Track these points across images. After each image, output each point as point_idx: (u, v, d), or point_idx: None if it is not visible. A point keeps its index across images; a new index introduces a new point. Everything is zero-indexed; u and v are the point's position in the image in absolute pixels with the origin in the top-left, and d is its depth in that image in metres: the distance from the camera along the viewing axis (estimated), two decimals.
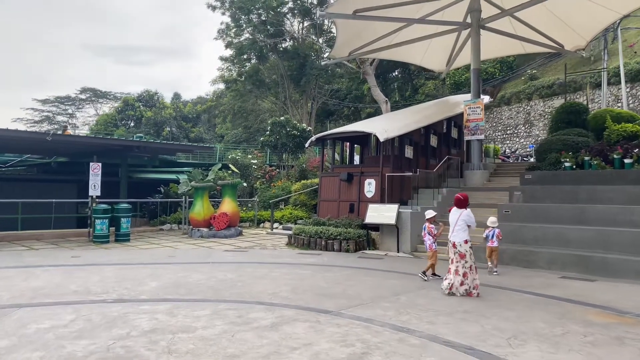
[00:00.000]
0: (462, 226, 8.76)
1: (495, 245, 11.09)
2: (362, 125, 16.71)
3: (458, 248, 8.68)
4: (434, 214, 10.48)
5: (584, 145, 16.01)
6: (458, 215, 8.86)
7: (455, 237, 8.76)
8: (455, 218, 8.87)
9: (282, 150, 25.62)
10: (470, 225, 8.84)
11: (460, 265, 8.59)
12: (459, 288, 8.50)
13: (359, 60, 27.22)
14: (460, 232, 8.74)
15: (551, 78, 33.14)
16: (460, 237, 8.71)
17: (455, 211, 9.02)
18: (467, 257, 8.62)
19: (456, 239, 8.73)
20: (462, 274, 8.55)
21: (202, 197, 18.13)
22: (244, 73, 39.50)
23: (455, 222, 8.83)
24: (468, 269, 8.55)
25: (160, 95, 64.33)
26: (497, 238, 11.07)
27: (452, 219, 8.96)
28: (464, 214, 8.82)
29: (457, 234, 8.75)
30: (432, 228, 10.32)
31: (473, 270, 8.58)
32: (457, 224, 8.79)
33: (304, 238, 14.82)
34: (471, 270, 8.56)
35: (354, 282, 9.45)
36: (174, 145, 22.71)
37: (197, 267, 11.01)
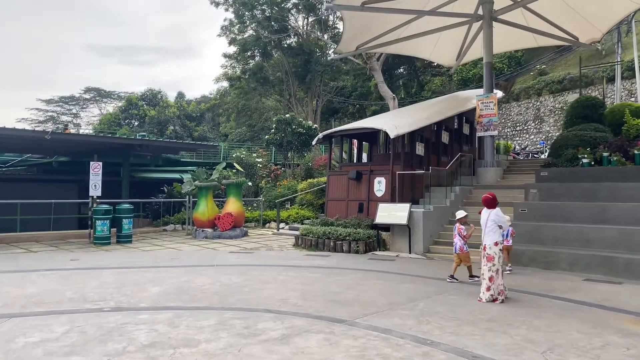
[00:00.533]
0: (492, 227, 8.27)
1: (510, 244, 10.76)
2: (372, 122, 16.15)
3: (487, 250, 8.20)
4: (465, 214, 10.04)
5: (602, 141, 15.41)
6: (487, 216, 8.34)
7: (486, 239, 8.28)
8: (485, 219, 8.37)
9: (288, 149, 25.06)
10: (502, 225, 8.35)
11: (486, 268, 8.09)
12: (485, 294, 7.99)
13: (365, 56, 26.63)
14: (491, 234, 8.24)
15: (561, 73, 32.45)
16: (490, 239, 8.22)
17: (484, 212, 8.54)
18: (495, 260, 8.10)
19: (486, 241, 8.25)
20: (489, 277, 8.03)
21: (206, 196, 17.62)
22: (248, 70, 38.93)
23: (485, 223, 8.31)
24: (495, 273, 8.03)
25: (163, 94, 63.89)
26: (511, 236, 10.82)
27: (482, 221, 8.47)
28: (493, 214, 8.34)
29: (488, 236, 8.27)
30: (462, 229, 9.86)
31: (499, 275, 8.06)
32: (487, 225, 8.29)
33: (312, 239, 14.29)
34: (497, 275, 8.04)
35: (367, 287, 8.91)
36: (177, 144, 22.21)
37: (201, 271, 10.49)
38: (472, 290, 8.81)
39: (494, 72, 38.22)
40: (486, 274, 8.03)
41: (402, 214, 13.47)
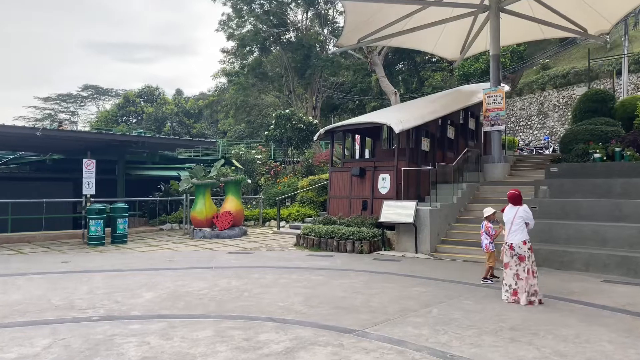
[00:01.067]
0: (519, 225, 7.81)
1: None
2: (375, 116, 15.59)
3: (517, 250, 7.75)
4: (493, 211, 9.53)
5: (613, 135, 14.89)
6: (514, 213, 7.89)
7: (513, 237, 7.81)
8: (511, 216, 7.90)
9: (288, 145, 24.46)
10: (529, 223, 7.90)
11: (520, 269, 7.65)
12: (522, 296, 7.54)
13: (366, 50, 26.05)
14: (518, 232, 7.79)
15: (566, 67, 31.88)
16: (518, 238, 7.76)
17: (510, 209, 8.05)
18: (526, 259, 7.67)
19: (514, 240, 7.79)
20: (525, 277, 7.60)
21: (204, 194, 17.06)
22: (247, 66, 38.26)
23: (512, 220, 7.86)
24: (527, 273, 7.61)
25: (161, 91, 63.18)
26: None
27: (506, 219, 8.01)
28: (521, 211, 7.86)
29: (515, 235, 7.81)
30: (489, 227, 9.44)
31: (531, 275, 7.63)
32: (513, 223, 7.83)
33: (314, 238, 13.74)
34: (528, 275, 7.61)
35: (375, 291, 8.36)
36: (174, 140, 21.62)
37: (199, 274, 9.94)
38: (487, 293, 8.28)
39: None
40: (522, 275, 7.63)
41: (408, 212, 12.92)
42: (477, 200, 15.02)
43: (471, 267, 11.02)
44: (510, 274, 7.76)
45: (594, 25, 18.01)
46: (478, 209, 14.56)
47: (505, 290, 7.79)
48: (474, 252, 12.45)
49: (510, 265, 7.79)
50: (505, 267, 7.88)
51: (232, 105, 44.00)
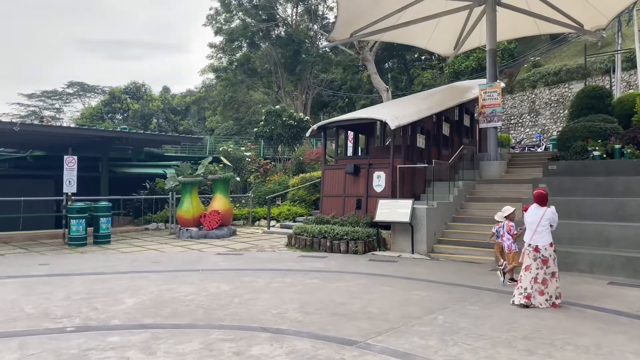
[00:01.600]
0: (546, 226, 7.46)
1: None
2: (370, 112, 15.08)
3: (542, 252, 7.39)
4: (513, 209, 9.25)
5: (613, 132, 14.55)
6: (541, 214, 7.50)
7: (539, 239, 7.43)
8: (537, 217, 7.50)
9: (278, 142, 23.86)
10: (554, 225, 7.55)
11: (541, 272, 7.30)
12: (538, 298, 7.21)
13: (357, 46, 25.55)
14: (545, 234, 7.43)
15: (557, 65, 31.66)
16: (544, 240, 7.41)
17: (535, 209, 7.65)
18: (550, 262, 7.36)
19: (540, 242, 7.41)
20: (542, 281, 7.27)
21: (190, 193, 16.44)
22: (235, 61, 37.50)
23: (538, 222, 7.47)
24: (549, 276, 7.31)
25: (147, 87, 62.06)
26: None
27: (531, 219, 7.60)
28: (549, 213, 7.51)
29: (541, 237, 7.44)
30: (512, 227, 9.07)
31: (555, 277, 7.34)
32: (540, 224, 7.45)
33: (306, 238, 13.21)
34: (553, 277, 7.32)
35: (374, 295, 7.86)
36: (159, 137, 20.94)
37: (185, 277, 9.36)
38: (492, 298, 7.82)
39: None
40: (540, 278, 7.28)
41: (404, 210, 12.44)
42: (473, 198, 14.60)
43: (470, 268, 10.58)
44: (528, 277, 7.37)
45: (591, 21, 17.68)
46: (475, 207, 14.17)
47: (519, 293, 7.38)
48: (472, 253, 12.04)
49: (530, 268, 7.39)
50: (525, 269, 7.47)
51: (219, 102, 43.22)
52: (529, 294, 7.25)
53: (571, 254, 10.51)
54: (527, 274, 7.41)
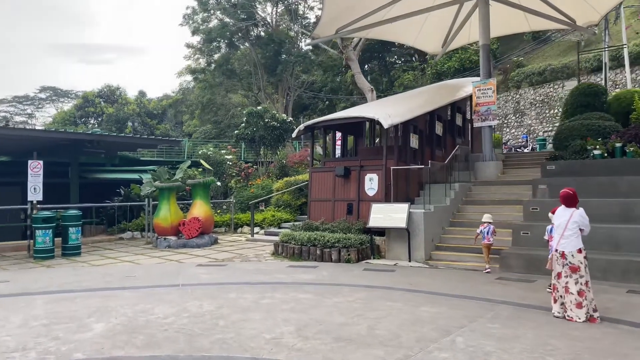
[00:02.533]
0: (574, 230, 6.71)
1: (491, 242, 10.46)
2: (360, 111, 14.21)
3: (569, 259, 6.66)
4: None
5: (612, 130, 13.97)
6: (569, 217, 6.75)
7: (566, 244, 6.71)
8: (565, 220, 6.78)
9: (260, 144, 22.83)
10: (584, 229, 6.80)
11: (572, 280, 6.56)
12: (575, 310, 6.49)
13: (341, 45, 24.73)
14: (573, 239, 6.69)
15: (541, 64, 31.36)
16: (572, 245, 6.67)
17: (563, 211, 6.91)
18: (582, 270, 6.60)
19: (567, 248, 6.69)
20: (578, 291, 6.52)
21: (168, 199, 15.34)
22: (213, 62, 36.31)
23: (565, 225, 6.74)
24: (584, 286, 6.54)
25: (122, 91, 60.35)
26: (493, 234, 10.46)
27: (558, 222, 6.90)
28: (577, 215, 6.73)
29: (568, 242, 6.71)
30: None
31: (590, 288, 6.59)
32: (567, 228, 6.71)
33: (294, 246, 12.27)
34: (587, 287, 6.55)
35: (379, 313, 6.96)
36: (134, 139, 19.72)
37: (163, 294, 8.33)
38: (510, 312, 7.00)
39: (470, 65, 37.03)
40: (573, 288, 6.53)
41: (401, 215, 11.60)
42: (470, 201, 13.86)
43: (475, 277, 9.78)
44: (561, 285, 6.63)
45: (583, 16, 17.20)
46: (472, 211, 13.41)
47: (561, 303, 6.76)
48: (473, 260, 11.26)
49: (561, 276, 6.64)
50: (558, 276, 6.73)
51: (197, 105, 41.91)
52: (579, 302, 6.55)
53: None
54: (560, 281, 6.70)
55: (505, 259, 10.52)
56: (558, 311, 6.71)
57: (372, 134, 15.93)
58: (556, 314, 6.72)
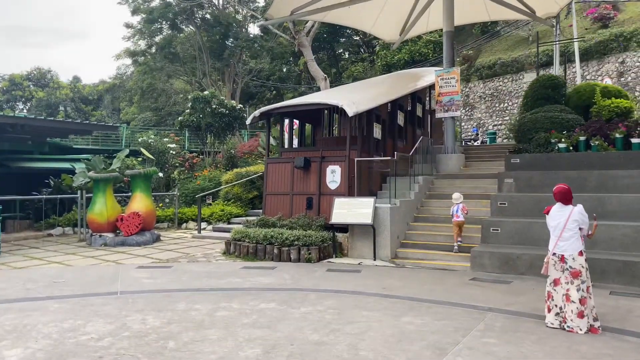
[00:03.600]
0: (574, 230, 5.98)
1: (461, 220, 10.61)
2: (322, 97, 13.17)
3: (569, 263, 5.95)
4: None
5: (576, 124, 13.68)
6: (567, 215, 6.02)
7: (566, 247, 5.99)
8: (563, 219, 6.04)
9: (207, 132, 21.28)
10: (583, 227, 6.06)
11: (573, 287, 5.85)
12: (576, 320, 5.77)
13: (293, 30, 23.54)
14: (573, 240, 5.97)
15: (491, 58, 31.44)
16: (573, 248, 5.96)
17: (559, 209, 6.16)
18: (583, 274, 5.89)
19: (566, 250, 5.97)
20: (580, 299, 5.79)
21: (104, 191, 13.76)
22: (155, 45, 34.01)
23: (564, 225, 5.99)
24: (586, 292, 5.84)
25: (54, 74, 56.25)
26: (462, 211, 10.63)
27: (555, 222, 6.14)
28: (576, 213, 6.00)
29: (568, 243, 5.98)
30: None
31: (591, 293, 5.92)
32: (566, 228, 5.98)
33: (249, 245, 11.14)
34: (589, 293, 5.88)
35: (357, 327, 6.01)
36: (65, 124, 17.74)
37: (98, 305, 7.02)
38: (503, 323, 6.23)
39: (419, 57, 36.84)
40: (574, 295, 5.81)
41: (366, 210, 10.72)
42: (434, 195, 13.20)
43: (449, 278, 9.04)
44: (560, 292, 5.92)
45: (542, 7, 16.95)
46: (437, 205, 12.75)
47: (556, 313, 5.98)
48: (442, 258, 10.57)
49: (560, 282, 5.91)
50: (555, 283, 5.98)
51: (136, 90, 39.33)
52: (564, 315, 5.82)
53: None
54: (558, 289, 5.98)
55: (477, 258, 9.87)
56: (552, 322, 6.02)
57: (331, 122, 14.97)
58: (549, 324, 6.02)
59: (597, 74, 24.89)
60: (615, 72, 24.29)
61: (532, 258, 9.44)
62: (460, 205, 10.65)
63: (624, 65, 24.09)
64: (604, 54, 24.92)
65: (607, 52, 24.79)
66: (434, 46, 36.77)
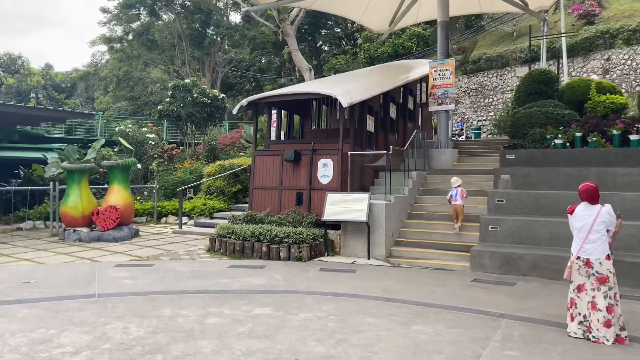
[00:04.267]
0: (601, 232, 5.50)
1: (459, 204, 10.49)
2: (313, 86, 12.51)
3: (596, 268, 5.47)
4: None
5: (571, 119, 13.35)
6: (594, 216, 5.54)
7: (592, 250, 5.51)
8: (589, 220, 5.56)
9: (187, 122, 20.39)
10: (611, 229, 5.59)
11: (600, 294, 5.38)
12: (603, 330, 5.30)
13: (277, 19, 22.78)
14: (599, 243, 5.49)
15: (476, 53, 31.19)
16: (599, 251, 5.47)
17: (585, 209, 5.71)
18: (611, 280, 5.42)
19: (593, 254, 5.49)
20: (607, 307, 5.33)
21: (79, 183, 12.90)
22: (132, 31, 32.73)
23: (590, 226, 5.51)
24: (613, 299, 5.37)
25: (25, 60, 54.14)
26: (461, 196, 10.53)
27: (580, 223, 5.66)
28: (605, 213, 5.53)
29: (594, 247, 5.52)
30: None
31: (618, 300, 5.44)
32: (592, 230, 5.49)
33: (235, 242, 10.49)
34: (616, 300, 5.40)
35: (364, 336, 5.47)
36: (37, 111, 16.70)
37: (73, 310, 6.33)
38: (521, 332, 5.77)
39: (403, 51, 36.42)
40: (600, 303, 5.34)
41: (360, 207, 10.17)
42: (427, 191, 12.72)
43: (450, 279, 8.58)
44: (585, 300, 5.45)
45: (536, 0, 16.56)
46: (431, 202, 12.29)
47: (579, 322, 5.50)
48: (438, 257, 10.11)
49: (585, 288, 5.44)
50: (579, 290, 5.51)
51: (112, 79, 37.91)
52: (589, 324, 5.37)
53: (563, 258, 8.82)
54: (583, 296, 5.51)
55: (477, 258, 9.43)
56: (575, 331, 5.57)
57: (319, 114, 14.36)
58: (572, 334, 5.57)
59: (582, 71, 24.81)
60: (601, 69, 24.22)
61: (535, 258, 9.07)
62: (459, 189, 10.53)
63: (610, 62, 24.04)
64: (589, 51, 24.84)
65: (593, 48, 24.70)
66: (418, 40, 36.45)
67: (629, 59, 23.42)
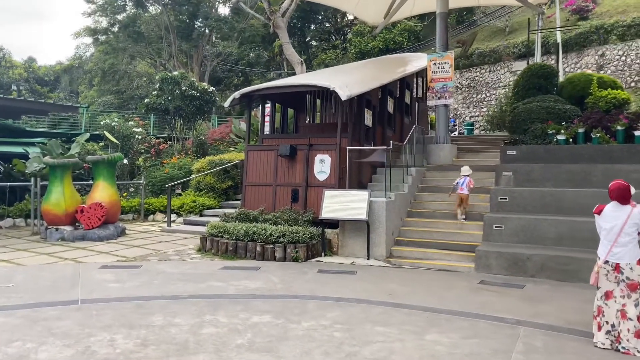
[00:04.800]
0: (633, 235, 5.06)
1: (465, 193, 10.47)
2: (309, 78, 11.97)
3: (626, 273, 5.06)
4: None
5: (573, 115, 13.00)
6: (625, 217, 5.10)
7: (622, 254, 5.08)
8: (620, 221, 5.13)
9: (175, 116, 19.72)
10: None
11: (631, 302, 4.97)
12: (633, 341, 4.90)
13: (268, 10, 22.17)
14: (631, 246, 5.05)
15: (471, 48, 30.83)
16: (631, 255, 5.04)
17: (615, 209, 5.27)
18: None
19: (623, 258, 5.06)
20: (637, 316, 4.92)
21: (62, 179, 12.24)
22: (118, 22, 31.82)
23: (620, 228, 5.08)
24: None
25: (6, 52, 52.77)
26: (468, 186, 10.48)
27: (609, 224, 5.22)
28: (636, 214, 5.09)
29: (626, 250, 5.08)
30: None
31: None
32: (623, 232, 5.06)
33: (228, 241, 9.96)
34: None
35: (376, 348, 5.01)
36: (17, 103, 16.01)
37: (54, 319, 5.77)
38: (544, 343, 5.34)
39: (394, 45, 36.00)
40: (631, 311, 4.94)
41: (360, 205, 9.70)
42: (427, 188, 12.30)
43: (456, 282, 8.15)
44: (614, 308, 5.03)
45: None
46: (431, 199, 11.86)
47: (607, 331, 5.06)
48: (441, 257, 9.68)
49: (614, 295, 5.01)
50: (607, 297, 5.08)
51: (97, 72, 36.93)
52: (618, 334, 4.94)
53: (572, 259, 8.51)
54: (611, 303, 5.09)
55: (483, 259, 9.01)
56: (602, 342, 5.14)
57: (313, 108, 13.84)
58: (599, 345, 5.15)
59: (576, 67, 24.56)
60: (595, 64, 23.99)
61: (543, 259, 8.68)
62: (467, 179, 10.50)
63: (604, 58, 23.82)
64: (583, 46, 24.59)
65: (587, 44, 24.46)
66: (409, 35, 36.00)
67: (624, 54, 23.21)
